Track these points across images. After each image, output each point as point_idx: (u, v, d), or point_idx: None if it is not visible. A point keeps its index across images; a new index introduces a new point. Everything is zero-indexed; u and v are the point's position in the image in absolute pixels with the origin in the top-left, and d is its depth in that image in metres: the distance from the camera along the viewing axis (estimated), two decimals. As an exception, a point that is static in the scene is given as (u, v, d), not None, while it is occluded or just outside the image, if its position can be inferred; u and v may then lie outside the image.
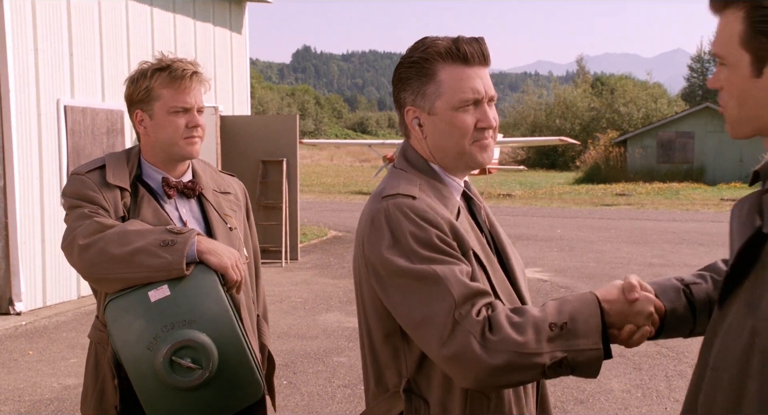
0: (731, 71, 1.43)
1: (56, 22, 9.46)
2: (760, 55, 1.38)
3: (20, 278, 8.89)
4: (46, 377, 6.51)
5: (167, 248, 2.28)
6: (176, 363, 2.23)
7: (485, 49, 1.93)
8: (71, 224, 2.41)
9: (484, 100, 1.93)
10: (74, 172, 2.52)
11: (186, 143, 2.54)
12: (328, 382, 6.35)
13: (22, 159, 8.95)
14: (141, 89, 2.51)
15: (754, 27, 1.37)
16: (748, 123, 1.46)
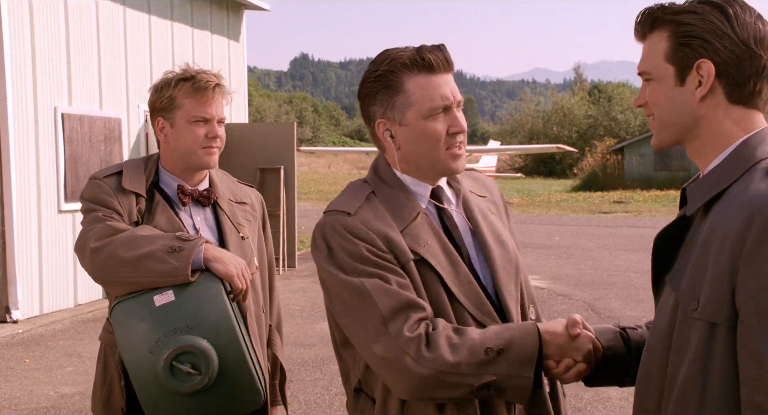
0: (657, 84, 1.60)
1: (54, 29, 9.46)
2: (683, 65, 1.55)
3: (17, 285, 8.86)
4: (43, 386, 6.48)
5: (174, 254, 2.32)
6: (176, 368, 2.25)
7: (448, 55, 1.97)
8: (85, 227, 2.46)
9: (453, 105, 1.96)
10: (92, 177, 2.59)
11: (204, 153, 2.58)
12: (325, 390, 6.33)
13: (20, 167, 8.94)
14: (164, 98, 2.56)
15: (678, 41, 1.55)
16: (669, 129, 1.61)
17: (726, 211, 1.46)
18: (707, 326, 1.44)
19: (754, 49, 1.52)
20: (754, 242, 1.38)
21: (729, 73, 1.53)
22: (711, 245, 1.46)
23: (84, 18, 9.97)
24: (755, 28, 1.53)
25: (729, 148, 1.55)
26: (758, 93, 1.55)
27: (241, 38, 14.08)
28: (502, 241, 2.05)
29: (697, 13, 1.54)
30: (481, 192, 2.15)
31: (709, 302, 1.43)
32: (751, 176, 1.48)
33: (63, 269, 9.56)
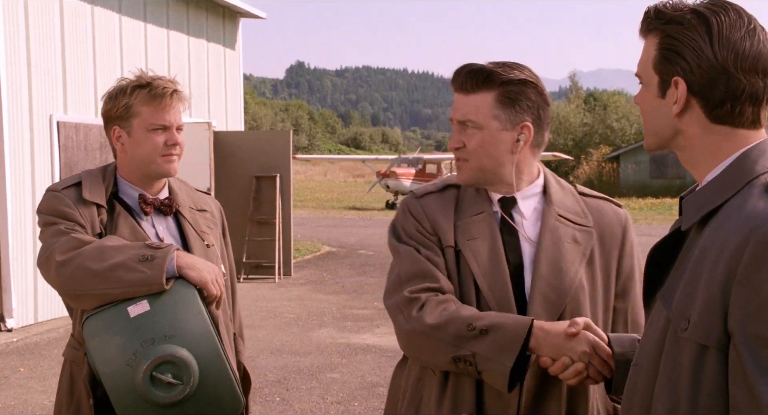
0: (646, 89, 1.57)
1: (49, 37, 9.46)
2: (665, 78, 1.50)
3: (11, 294, 8.84)
4: (37, 394, 6.46)
5: (146, 263, 2.25)
6: (157, 379, 2.19)
7: (464, 77, 2.13)
8: (47, 241, 2.38)
9: (452, 122, 2.16)
10: (50, 189, 2.50)
11: (164, 161, 2.51)
12: (321, 398, 6.31)
13: (15, 175, 8.92)
14: (120, 106, 2.48)
15: (662, 53, 1.50)
16: (653, 136, 1.59)
17: (721, 228, 1.40)
18: (697, 348, 1.38)
19: (732, 71, 1.44)
20: (749, 263, 1.32)
21: (703, 94, 1.46)
22: (705, 262, 1.40)
23: (80, 26, 9.97)
24: (740, 46, 1.44)
25: (727, 160, 1.48)
26: (740, 114, 1.47)
27: (237, 46, 14.09)
28: (561, 269, 2.06)
29: (682, 25, 1.47)
30: (578, 219, 2.14)
31: (700, 323, 1.38)
32: (750, 192, 1.41)
33: (58, 277, 9.53)
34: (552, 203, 2.13)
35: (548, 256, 2.07)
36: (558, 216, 2.12)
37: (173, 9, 12.04)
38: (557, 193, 2.16)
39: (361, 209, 29.55)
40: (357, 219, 24.85)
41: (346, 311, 9.84)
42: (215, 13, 13.32)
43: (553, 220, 2.11)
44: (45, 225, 2.42)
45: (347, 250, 16.44)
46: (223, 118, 13.36)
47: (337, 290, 11.52)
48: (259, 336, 8.36)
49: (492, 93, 2.08)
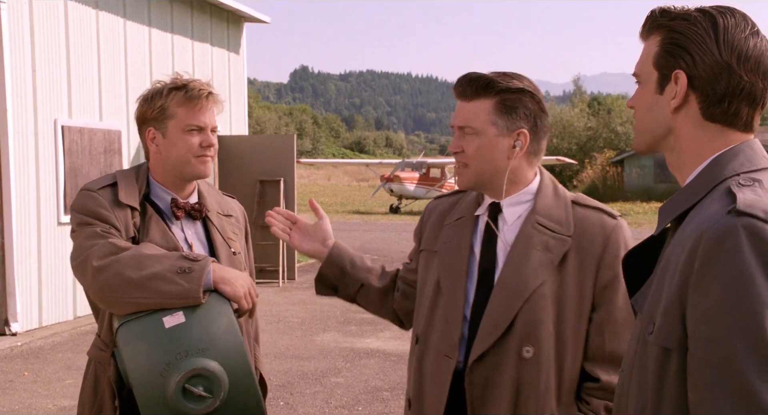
0: (643, 87, 1.58)
1: (54, 42, 9.49)
2: (664, 72, 1.51)
3: (16, 298, 8.85)
4: (42, 399, 6.46)
5: (184, 276, 2.27)
6: (188, 391, 2.21)
7: (465, 85, 2.22)
8: (83, 242, 2.37)
9: (454, 129, 2.25)
10: (85, 188, 2.49)
11: (198, 161, 2.53)
12: (325, 403, 6.31)
13: (19, 179, 8.94)
14: (155, 107, 2.50)
15: (664, 47, 1.51)
16: (644, 135, 1.59)
17: (684, 231, 1.42)
18: (661, 351, 1.40)
19: (734, 68, 1.45)
20: (700, 266, 1.33)
21: (703, 89, 1.48)
22: (669, 266, 1.42)
23: (84, 30, 10.00)
24: (743, 45, 1.46)
25: (702, 164, 1.50)
26: (735, 114, 1.48)
27: (241, 50, 14.12)
28: (522, 275, 2.13)
29: (688, 20, 1.50)
30: (556, 228, 2.18)
31: (662, 327, 1.39)
32: (714, 195, 1.42)
33: (62, 282, 9.55)
34: (535, 211, 2.20)
35: (514, 261, 2.15)
36: (536, 224, 2.18)
37: (177, 13, 12.06)
38: (544, 201, 2.22)
39: (364, 213, 29.55)
40: (361, 223, 24.85)
41: (350, 315, 9.83)
42: (219, 18, 13.34)
43: (530, 227, 2.18)
44: (79, 225, 2.42)
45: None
46: (227, 123, 13.37)
47: (341, 294, 11.50)
48: (263, 340, 8.33)
49: (491, 100, 2.16)
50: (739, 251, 1.30)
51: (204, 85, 2.53)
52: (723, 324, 1.30)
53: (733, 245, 1.30)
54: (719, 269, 1.31)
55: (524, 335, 2.10)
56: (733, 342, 1.28)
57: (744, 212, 1.32)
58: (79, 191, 2.51)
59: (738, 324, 1.29)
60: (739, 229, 1.31)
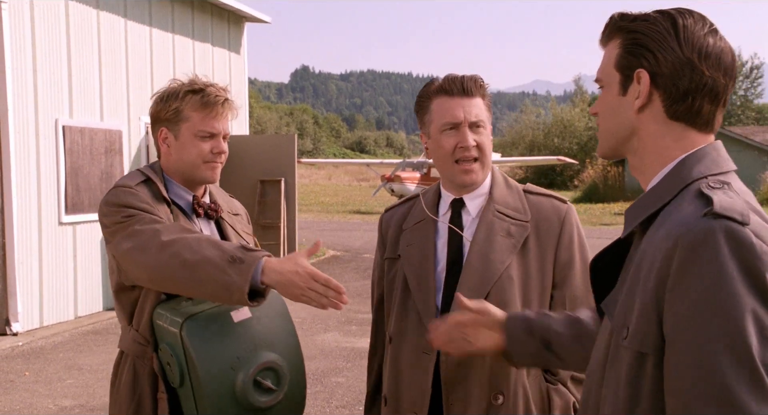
0: (606, 91, 1.58)
1: (55, 42, 9.49)
2: (627, 74, 1.52)
3: (17, 298, 8.85)
4: (43, 399, 6.46)
5: (234, 266, 2.15)
6: (259, 383, 2.27)
7: (466, 82, 2.31)
8: (139, 228, 2.29)
9: (462, 124, 2.29)
10: (121, 185, 2.43)
11: (207, 167, 2.51)
12: (326, 403, 6.31)
13: (20, 179, 8.94)
14: (170, 109, 2.48)
15: (625, 48, 1.53)
16: (608, 139, 1.60)
17: (655, 234, 1.41)
18: (636, 356, 1.39)
19: (696, 64, 1.47)
20: (677, 270, 1.32)
21: (666, 86, 1.48)
22: (641, 270, 1.41)
23: (85, 30, 10.00)
24: (703, 42, 1.48)
25: (667, 166, 1.50)
26: (698, 111, 1.49)
27: (242, 50, 14.12)
28: (489, 260, 2.26)
29: (648, 21, 1.51)
30: (515, 215, 2.33)
31: (637, 331, 1.38)
32: (683, 198, 1.42)
33: (63, 282, 9.55)
34: (493, 201, 2.34)
35: (479, 248, 2.28)
36: (496, 212, 2.33)
37: (178, 13, 12.06)
38: (500, 192, 2.37)
39: (365, 213, 29.54)
40: (361, 223, 24.85)
41: (351, 315, 9.83)
42: (220, 18, 13.35)
43: (491, 216, 2.32)
44: (126, 217, 2.34)
45: (352, 254, 16.44)
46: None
47: (341, 294, 11.50)
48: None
49: (482, 99, 2.34)
50: (718, 254, 1.29)
51: (221, 91, 2.52)
52: (703, 328, 1.29)
53: (712, 248, 1.30)
54: (698, 272, 1.30)
55: None
56: (713, 346, 1.28)
57: (721, 215, 1.32)
58: (114, 189, 2.44)
59: (718, 328, 1.28)
60: (717, 231, 1.30)
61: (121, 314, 2.51)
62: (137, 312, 2.44)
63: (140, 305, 2.43)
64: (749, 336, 1.27)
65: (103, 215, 2.41)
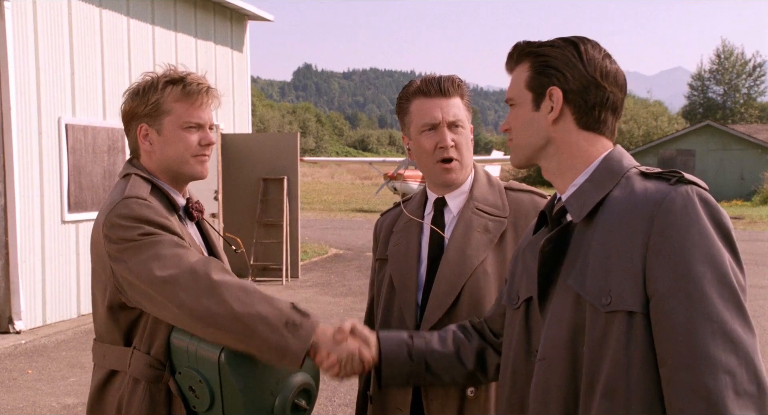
0: (518, 109, 1.80)
1: (58, 41, 9.50)
2: (539, 92, 1.75)
3: (20, 296, 8.86)
4: (46, 397, 6.47)
5: (292, 330, 2.09)
6: (296, 405, 2.27)
7: (443, 83, 2.37)
8: (167, 252, 2.13)
9: (441, 124, 2.34)
10: (132, 196, 2.22)
11: (196, 161, 2.35)
12: (328, 401, 6.31)
13: (23, 177, 8.95)
14: (149, 103, 2.31)
15: (536, 70, 1.76)
16: (524, 150, 1.81)
17: (618, 212, 1.61)
18: (625, 317, 1.55)
19: (599, 82, 1.71)
20: (661, 231, 1.53)
21: (576, 101, 1.72)
22: (610, 244, 1.59)
23: (88, 29, 10.00)
24: (602, 64, 1.72)
25: (592, 164, 1.73)
26: (604, 121, 1.73)
27: (245, 48, 14.12)
28: (464, 255, 2.33)
29: (554, 46, 1.75)
30: (493, 211, 2.40)
31: (623, 294, 1.55)
32: (630, 181, 1.65)
33: (66, 280, 9.56)
34: (473, 198, 2.41)
35: (456, 244, 2.35)
36: (475, 209, 2.39)
37: (181, 11, 12.06)
38: (480, 189, 2.43)
39: (368, 212, 29.54)
40: (364, 221, 24.85)
41: (353, 314, 9.82)
42: (223, 16, 13.34)
43: (470, 212, 2.39)
44: (145, 235, 2.16)
45: (354, 252, 16.44)
46: (230, 121, 13.38)
47: (344, 292, 11.51)
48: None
49: (461, 99, 2.40)
50: (697, 214, 1.54)
51: (202, 80, 2.37)
52: (697, 276, 1.50)
53: (692, 208, 1.54)
54: (684, 229, 1.53)
55: (470, 308, 2.29)
56: (706, 289, 1.49)
57: (691, 181, 1.58)
58: (125, 200, 2.21)
59: (711, 275, 1.50)
60: (692, 194, 1.56)
61: (115, 333, 2.28)
62: (147, 334, 2.24)
63: (151, 327, 2.23)
64: (734, 281, 1.51)
65: (112, 227, 2.18)
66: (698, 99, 64.45)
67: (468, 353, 2.15)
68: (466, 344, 2.16)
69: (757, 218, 26.17)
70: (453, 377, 2.17)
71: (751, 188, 34.87)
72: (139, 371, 2.23)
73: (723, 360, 1.45)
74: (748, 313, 1.51)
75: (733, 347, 1.46)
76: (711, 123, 38.44)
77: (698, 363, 1.45)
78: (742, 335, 1.48)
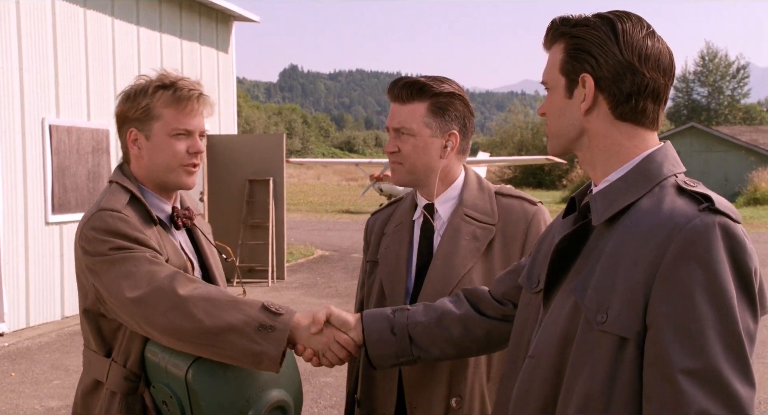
0: (552, 93, 1.65)
1: (41, 40, 9.43)
2: (572, 77, 1.59)
3: (3, 298, 8.79)
4: (29, 399, 6.42)
5: (264, 334, 2.04)
6: None
7: (397, 89, 2.35)
8: (137, 269, 2.10)
9: (389, 129, 2.37)
10: (107, 209, 2.18)
11: (183, 171, 2.29)
12: (314, 403, 6.29)
13: (6, 178, 8.88)
14: (139, 107, 2.27)
15: (569, 54, 1.59)
16: (558, 138, 1.66)
17: (638, 226, 1.47)
18: (616, 340, 1.43)
19: (637, 67, 1.53)
20: (674, 258, 1.39)
21: (611, 89, 1.55)
22: (621, 258, 1.46)
23: (72, 29, 9.94)
24: (642, 45, 1.54)
25: (631, 161, 1.57)
26: (642, 111, 1.56)
27: (230, 49, 14.08)
28: (451, 262, 2.30)
29: (588, 26, 1.57)
30: (482, 218, 2.36)
31: (620, 316, 1.43)
32: (662, 193, 1.49)
33: (50, 282, 9.50)
34: (462, 204, 2.38)
35: (444, 251, 2.33)
36: (464, 215, 2.36)
37: (166, 12, 12.01)
38: (470, 195, 2.40)
39: (354, 213, 29.51)
40: (350, 223, 24.83)
41: (339, 315, 9.81)
42: (208, 17, 13.30)
43: (458, 219, 2.36)
44: (117, 250, 2.13)
45: (341, 253, 16.42)
46: (216, 122, 13.33)
47: (330, 293, 11.49)
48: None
49: (424, 103, 2.32)
50: (715, 249, 1.38)
51: (194, 85, 2.30)
52: (697, 315, 1.36)
53: (710, 241, 1.38)
54: (695, 262, 1.37)
55: None
56: (707, 333, 1.35)
57: (720, 211, 1.42)
58: (100, 212, 2.18)
59: (713, 317, 1.36)
60: (717, 227, 1.39)
61: (97, 340, 2.27)
62: (123, 347, 2.22)
63: (127, 339, 2.20)
64: (740, 327, 1.36)
65: (86, 240, 2.17)
66: (682, 101, 64.88)
67: (452, 320, 2.07)
68: (452, 312, 2.09)
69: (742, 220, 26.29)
70: (441, 349, 2.09)
71: (735, 190, 35.06)
72: (115, 383, 2.22)
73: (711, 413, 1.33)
74: (751, 364, 1.37)
75: (726, 401, 1.33)
76: (695, 125, 38.63)
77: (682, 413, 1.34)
78: (738, 389, 1.34)
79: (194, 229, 2.45)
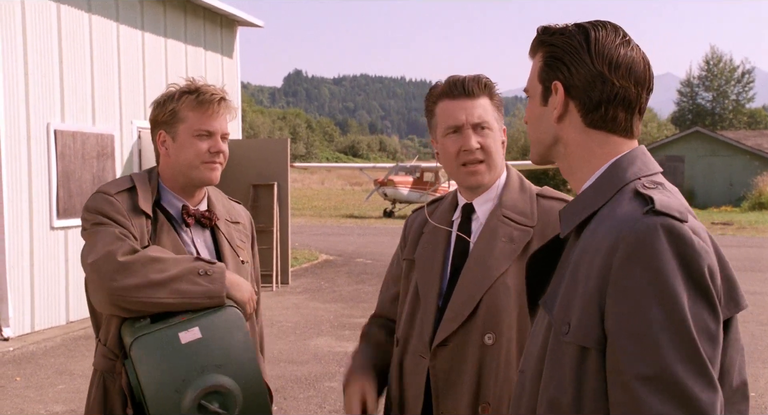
0: (531, 101, 1.67)
1: (47, 46, 9.46)
2: (546, 85, 1.60)
3: (8, 303, 8.81)
4: (34, 404, 6.43)
5: (206, 277, 2.30)
6: (204, 407, 2.21)
7: (467, 83, 2.28)
8: (101, 240, 2.31)
9: (464, 126, 2.26)
10: (102, 191, 2.44)
11: (206, 168, 2.51)
12: (318, 407, 6.30)
13: (12, 183, 8.90)
14: (167, 111, 2.49)
15: (545, 62, 1.60)
16: (536, 146, 1.67)
17: (595, 233, 1.47)
18: (578, 350, 1.43)
19: (607, 75, 1.53)
20: (620, 264, 1.38)
21: (580, 97, 1.56)
22: (581, 268, 1.46)
23: (77, 34, 9.97)
24: (614, 53, 1.54)
25: (600, 169, 1.57)
26: (613, 119, 1.56)
27: (235, 54, 14.11)
28: (486, 265, 2.23)
29: (564, 35, 1.59)
30: (521, 219, 2.29)
31: (579, 326, 1.43)
32: (621, 198, 1.48)
33: (55, 286, 9.52)
34: (501, 205, 2.31)
35: (479, 252, 2.26)
36: (502, 216, 2.29)
37: (171, 17, 12.04)
38: (510, 195, 2.33)
39: (358, 218, 29.53)
40: (355, 227, 24.84)
41: (343, 320, 9.82)
42: (213, 22, 13.33)
43: (496, 220, 2.29)
44: (95, 225, 2.37)
45: (345, 258, 16.42)
46: (220, 127, 13.34)
47: (334, 298, 11.49)
48: (257, 345, 8.33)
49: (490, 99, 2.30)
50: (659, 251, 1.36)
51: (217, 90, 2.53)
52: (646, 320, 1.35)
53: (654, 244, 1.37)
54: (641, 266, 1.36)
55: (486, 322, 2.19)
56: (657, 338, 1.33)
57: (662, 212, 1.39)
58: (95, 193, 2.45)
59: (662, 320, 1.34)
60: (659, 228, 1.38)
61: (92, 322, 2.52)
62: (104, 326, 2.42)
63: (107, 319, 2.39)
64: (691, 327, 1.34)
65: (82, 218, 2.44)
66: (687, 105, 64.76)
67: None
68: None
69: (746, 224, 26.27)
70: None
71: (740, 194, 35.01)
72: (98, 362, 2.45)
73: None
74: (708, 363, 1.34)
75: (683, 405, 1.31)
76: (700, 129, 38.60)
77: None
78: (696, 392, 1.31)
79: (217, 231, 2.59)
